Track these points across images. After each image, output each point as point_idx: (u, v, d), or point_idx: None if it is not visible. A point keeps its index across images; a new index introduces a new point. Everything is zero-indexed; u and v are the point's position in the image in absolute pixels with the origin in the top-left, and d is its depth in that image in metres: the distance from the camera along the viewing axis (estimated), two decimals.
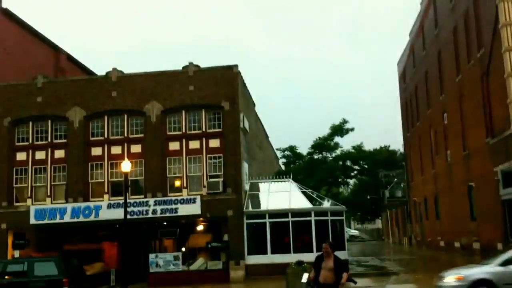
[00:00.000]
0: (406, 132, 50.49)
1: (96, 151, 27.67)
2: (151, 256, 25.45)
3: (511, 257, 15.66)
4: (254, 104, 36.42)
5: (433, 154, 39.37)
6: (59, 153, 27.81)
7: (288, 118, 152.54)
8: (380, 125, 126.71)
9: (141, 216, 25.87)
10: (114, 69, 28.27)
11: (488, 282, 15.23)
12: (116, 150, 27.52)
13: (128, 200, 23.81)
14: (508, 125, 23.63)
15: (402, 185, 54.80)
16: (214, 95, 27.12)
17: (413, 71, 45.82)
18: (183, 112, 27.44)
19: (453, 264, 28.03)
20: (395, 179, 56.91)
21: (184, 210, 25.79)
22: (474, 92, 28.80)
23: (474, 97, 28.85)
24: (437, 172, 38.18)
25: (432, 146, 39.53)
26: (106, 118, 27.80)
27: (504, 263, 15.57)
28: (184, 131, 27.34)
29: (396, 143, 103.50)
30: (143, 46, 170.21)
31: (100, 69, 41.17)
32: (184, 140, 27.26)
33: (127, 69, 30.75)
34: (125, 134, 27.67)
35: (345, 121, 60.35)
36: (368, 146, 65.83)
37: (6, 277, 19.49)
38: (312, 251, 23.95)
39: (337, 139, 61.07)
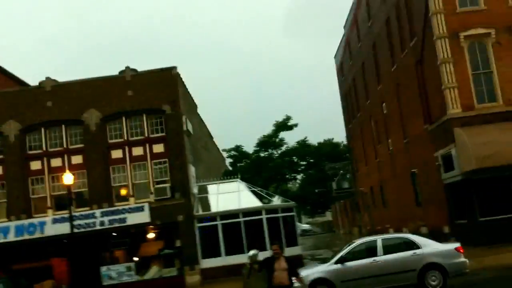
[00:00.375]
0: (348, 124, 51.38)
1: (35, 165, 26.70)
2: (103, 268, 24.78)
3: (346, 255, 16.22)
4: (196, 106, 36.10)
5: (375, 144, 40.23)
6: None
7: (230, 115, 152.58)
8: (322, 118, 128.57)
9: (88, 229, 25.11)
10: (48, 78, 27.37)
11: (326, 280, 15.72)
12: (56, 162, 26.65)
13: (73, 213, 23.12)
14: (444, 111, 24.42)
15: (348, 176, 55.83)
16: (155, 99, 26.65)
17: (350, 64, 46.69)
18: (124, 118, 26.84)
19: None
20: (341, 171, 57.93)
21: (133, 219, 25.23)
22: (409, 81, 29.62)
23: (410, 86, 29.67)
24: (381, 161, 39.06)
25: (373, 136, 40.39)
26: (43, 130, 26.84)
27: (340, 261, 16.07)
28: (126, 138, 26.75)
29: (339, 135, 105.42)
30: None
31: (31, 79, 39.50)
32: (127, 147, 26.68)
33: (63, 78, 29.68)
34: (65, 145, 26.81)
35: (288, 118, 61.03)
36: (312, 140, 66.74)
37: None
38: (266, 249, 23.96)
39: (282, 135, 61.70)
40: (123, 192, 26.31)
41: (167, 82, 26.98)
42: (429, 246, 15.97)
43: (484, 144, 22.21)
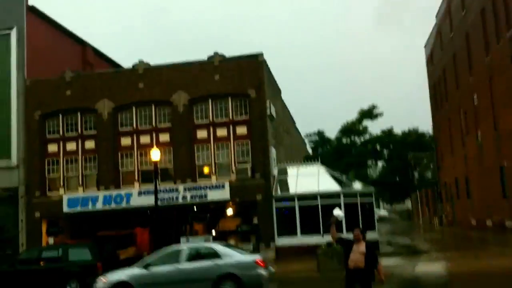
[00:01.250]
0: (435, 114, 49.91)
1: (125, 141, 28.22)
2: (182, 239, 25.85)
3: (152, 260, 16.38)
4: (280, 91, 36.50)
5: (463, 135, 38.90)
6: (90, 144, 28.44)
7: (315, 102, 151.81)
8: (408, 109, 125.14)
9: (171, 202, 26.29)
10: (141, 61, 28.70)
11: (127, 284, 15.68)
12: (145, 139, 28.02)
13: (158, 187, 24.24)
14: None
15: (431, 166, 54.31)
16: (240, 84, 27.31)
17: (440, 54, 45.19)
18: (210, 100, 27.72)
19: (484, 241, 27.91)
20: (425, 160, 56.46)
21: (213, 195, 26.13)
22: (504, 73, 28.36)
23: (504, 78, 28.41)
24: (468, 153, 37.72)
25: (461, 127, 39.05)
26: (134, 109, 28.28)
27: (145, 265, 16.11)
28: (211, 119, 27.64)
29: (425, 125, 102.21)
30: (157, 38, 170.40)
31: (124, 62, 41.50)
32: (211, 128, 27.60)
33: (153, 61, 31.03)
34: (153, 124, 28.12)
35: (374, 106, 60.00)
36: (397, 128, 65.37)
37: (41, 262, 20.15)
38: (342, 232, 24.01)
39: (366, 123, 60.85)
40: (206, 170, 27.27)
41: (253, 68, 27.55)
42: (230, 257, 16.12)
43: None
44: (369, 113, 59.33)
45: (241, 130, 27.45)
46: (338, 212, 12.15)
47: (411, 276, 18.17)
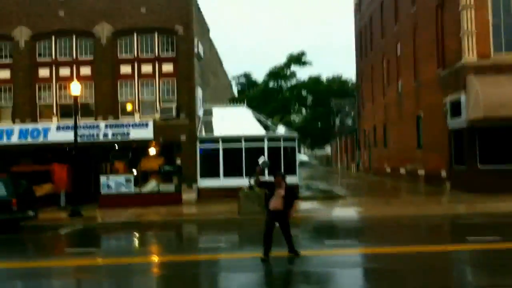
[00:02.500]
0: (360, 62, 50.81)
1: (43, 72, 26.71)
2: (102, 178, 25.30)
3: None
4: (208, 30, 35.61)
5: (384, 84, 39.97)
6: (4, 74, 26.69)
7: (242, 44, 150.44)
8: (335, 56, 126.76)
9: (91, 139, 25.44)
10: None
11: None
12: (64, 72, 26.65)
13: (78, 123, 23.30)
14: (459, 57, 24.08)
15: (352, 114, 55.86)
16: (168, 19, 26.30)
17: (368, 1, 45.55)
18: (135, 35, 26.59)
19: (396, 189, 29.37)
20: (346, 108, 57.91)
21: (136, 134, 25.52)
22: (428, 24, 29.01)
23: (427, 29, 29.09)
24: (388, 102, 38.94)
25: (384, 76, 40.06)
26: (53, 38, 26.64)
27: None
28: (136, 54, 26.61)
29: (349, 72, 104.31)
30: None
31: None
32: (136, 64, 26.63)
33: None
34: (74, 56, 26.69)
35: (303, 53, 60.31)
36: (323, 75, 66.13)
37: None
38: (264, 175, 24.31)
39: (294, 68, 61.08)
40: (129, 107, 26.48)
41: (181, 3, 26.53)
42: None
43: (494, 94, 22.08)
44: (298, 59, 59.57)
45: (167, 68, 26.70)
46: (263, 160, 12.48)
47: (327, 219, 18.82)
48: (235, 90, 64.97)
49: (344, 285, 9.99)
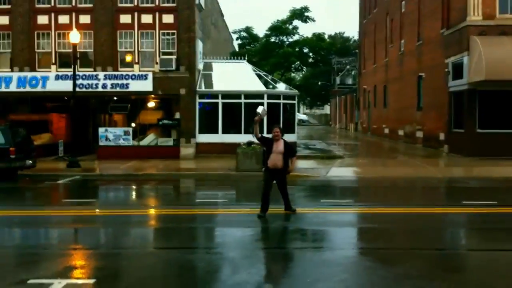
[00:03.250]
0: (363, 19, 50.05)
1: (42, 19, 26.18)
2: (101, 129, 25.24)
3: None
4: None
5: (387, 43, 39.51)
6: (3, 20, 26.17)
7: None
8: (338, 13, 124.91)
9: (90, 90, 25.24)
10: None
11: None
12: (63, 19, 26.10)
13: (77, 72, 23.05)
14: (464, 17, 23.69)
15: (353, 73, 55.44)
16: None
17: None
18: None
19: (395, 150, 29.41)
20: (348, 66, 57.42)
21: (135, 86, 25.30)
22: None
23: None
24: (389, 61, 38.58)
25: (387, 34, 39.54)
26: None
27: None
28: (136, 3, 26.05)
29: (352, 31, 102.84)
30: None
31: None
32: (136, 14, 26.09)
33: None
34: (73, 3, 26.14)
35: (306, 8, 59.20)
36: (325, 31, 65.36)
37: None
38: (263, 133, 24.27)
39: (296, 24, 60.13)
40: (128, 58, 26.12)
41: None
42: None
43: (498, 56, 21.87)
44: (300, 14, 58.62)
45: (168, 18, 26.17)
46: (262, 109, 12.39)
47: (324, 179, 18.90)
48: (235, 44, 64.18)
49: (338, 242, 10.09)
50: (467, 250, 9.54)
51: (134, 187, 18.27)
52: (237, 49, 60.05)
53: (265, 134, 18.36)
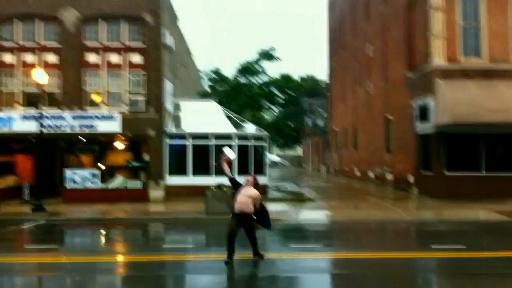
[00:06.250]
0: (332, 61, 50.93)
1: (6, 57, 25.85)
2: (68, 171, 24.64)
3: None
4: (177, 18, 35.07)
5: (355, 85, 40.11)
6: None
7: (211, 39, 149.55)
8: (308, 55, 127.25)
9: (58, 131, 24.74)
10: None
11: None
12: (29, 58, 25.81)
13: (44, 113, 22.60)
14: (428, 60, 24.21)
15: (324, 115, 56.01)
16: (136, 6, 25.73)
17: (341, 0, 45.69)
18: (103, 22, 25.93)
19: (365, 192, 29.44)
20: (318, 108, 58.05)
21: (103, 126, 24.92)
22: (398, 25, 29.14)
23: (398, 30, 29.22)
24: (358, 103, 39.08)
25: (355, 76, 40.18)
26: (16, 21, 25.80)
27: None
28: (104, 42, 25.95)
29: (322, 73, 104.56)
30: None
31: None
32: (104, 53, 25.96)
33: None
34: (39, 42, 25.90)
35: (273, 48, 60.50)
36: (295, 74, 66.36)
37: None
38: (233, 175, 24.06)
39: (264, 64, 61.05)
40: (96, 98, 25.81)
41: None
42: None
43: (462, 99, 22.24)
44: (268, 54, 59.68)
45: (136, 58, 26.08)
46: (228, 151, 12.42)
47: (295, 222, 18.67)
48: (205, 83, 64.56)
49: None
50: None
51: (101, 231, 17.71)
52: (206, 88, 60.35)
53: (235, 177, 18.17)
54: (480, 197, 22.23)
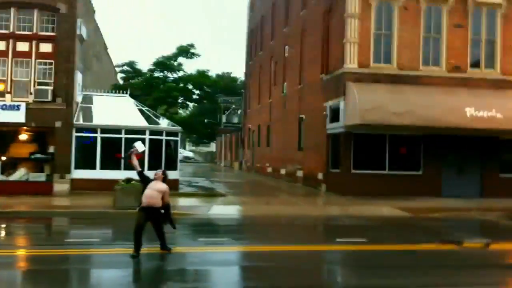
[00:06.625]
0: (249, 61, 51.37)
1: None
2: None
3: None
4: (94, 11, 34.02)
5: (271, 85, 40.71)
6: None
7: (131, 31, 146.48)
8: (226, 53, 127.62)
9: None
10: None
11: None
12: None
13: None
14: (341, 64, 25.03)
15: (239, 112, 56.40)
16: None
17: (261, 1, 46.19)
18: (14, 9, 24.57)
19: (276, 189, 29.95)
20: (233, 106, 58.37)
21: (6, 116, 23.51)
22: (315, 29, 29.90)
23: (314, 34, 29.99)
24: (273, 102, 39.70)
25: (271, 77, 40.78)
26: None
27: None
28: (13, 30, 24.57)
29: (239, 71, 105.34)
30: None
31: None
32: (11, 41, 24.56)
33: None
34: None
35: (191, 45, 60.26)
36: (212, 72, 66.32)
37: None
38: (143, 169, 23.57)
39: (182, 61, 60.59)
40: (0, 87, 24.38)
41: None
42: None
43: (370, 102, 23.15)
44: (186, 51, 59.27)
45: (46, 47, 24.81)
46: (139, 144, 12.28)
47: (205, 217, 18.63)
48: (119, 78, 62.99)
49: (216, 282, 9.83)
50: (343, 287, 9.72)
51: (1, 225, 16.73)
52: (120, 82, 58.93)
53: (145, 171, 17.86)
54: (384, 194, 23.24)
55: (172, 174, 24.02)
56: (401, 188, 23.88)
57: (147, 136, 24.88)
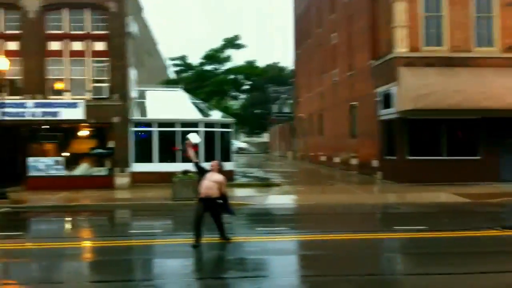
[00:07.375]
0: (297, 49, 51.17)
1: None
2: (31, 159, 24.22)
3: None
4: (142, 8, 34.72)
5: (320, 73, 40.46)
6: None
7: (180, 28, 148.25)
8: (274, 43, 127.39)
9: (18, 118, 24.23)
10: None
11: None
12: None
13: (3, 101, 22.09)
14: (391, 48, 24.63)
15: (290, 102, 56.36)
16: None
17: None
18: (65, 9, 25.43)
19: (330, 177, 29.87)
20: (284, 95, 58.37)
21: (67, 114, 24.51)
22: (362, 14, 29.52)
23: (362, 19, 29.60)
24: (324, 90, 39.47)
25: (320, 64, 40.52)
26: None
27: None
28: (66, 30, 25.46)
29: (287, 60, 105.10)
30: None
31: None
32: (66, 41, 25.47)
33: None
34: (1, 29, 25.25)
35: (237, 36, 60.63)
36: (260, 62, 66.54)
37: None
38: (198, 160, 24.04)
39: (229, 52, 61.11)
40: (59, 86, 25.35)
41: None
42: None
43: (424, 86, 22.74)
44: (233, 42, 59.77)
45: (100, 46, 25.68)
46: (193, 136, 12.57)
47: (261, 206, 18.85)
48: (171, 72, 64.15)
49: (274, 271, 10.00)
50: (403, 275, 9.70)
51: (67, 218, 17.53)
52: (172, 76, 60.05)
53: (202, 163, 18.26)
54: (441, 181, 22.83)
55: (227, 165, 24.47)
56: (458, 174, 23.39)
57: (201, 129, 25.34)
